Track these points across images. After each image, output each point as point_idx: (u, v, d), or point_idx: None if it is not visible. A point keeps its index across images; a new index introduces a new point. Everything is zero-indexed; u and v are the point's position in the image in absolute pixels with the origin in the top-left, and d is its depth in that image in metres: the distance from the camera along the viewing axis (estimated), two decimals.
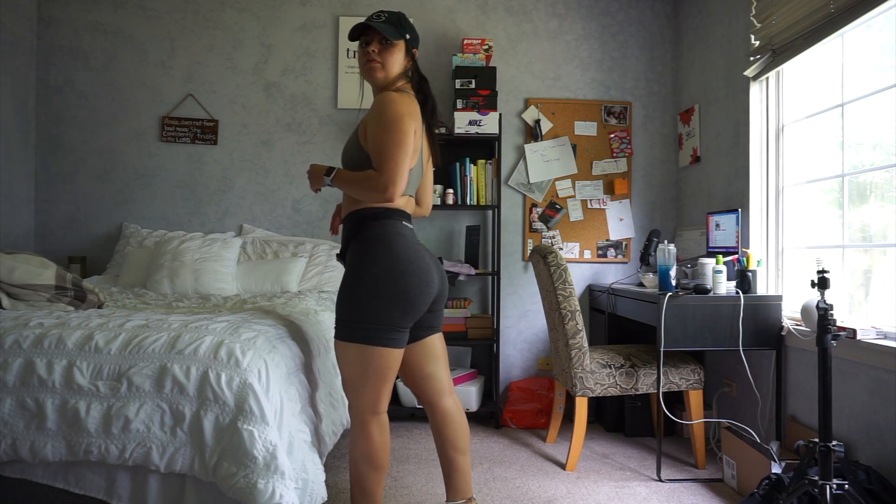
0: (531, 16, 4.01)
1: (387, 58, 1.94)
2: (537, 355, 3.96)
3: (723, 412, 3.34)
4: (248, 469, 1.73)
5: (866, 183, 2.55)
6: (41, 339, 1.88)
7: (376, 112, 1.87)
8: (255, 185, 3.95)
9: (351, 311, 1.84)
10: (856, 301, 2.59)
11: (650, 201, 4.02)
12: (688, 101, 3.84)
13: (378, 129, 1.86)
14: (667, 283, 2.83)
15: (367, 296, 1.81)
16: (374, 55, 1.93)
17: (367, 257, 1.85)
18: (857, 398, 2.39)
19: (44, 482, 1.84)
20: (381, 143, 1.84)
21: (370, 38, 1.95)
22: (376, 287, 1.82)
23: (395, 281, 1.82)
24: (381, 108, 1.87)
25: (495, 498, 2.58)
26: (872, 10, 2.32)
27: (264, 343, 1.97)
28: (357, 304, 1.82)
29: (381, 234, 1.88)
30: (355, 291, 1.83)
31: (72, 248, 3.90)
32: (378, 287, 1.81)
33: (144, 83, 3.93)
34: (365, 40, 1.96)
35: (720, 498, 2.63)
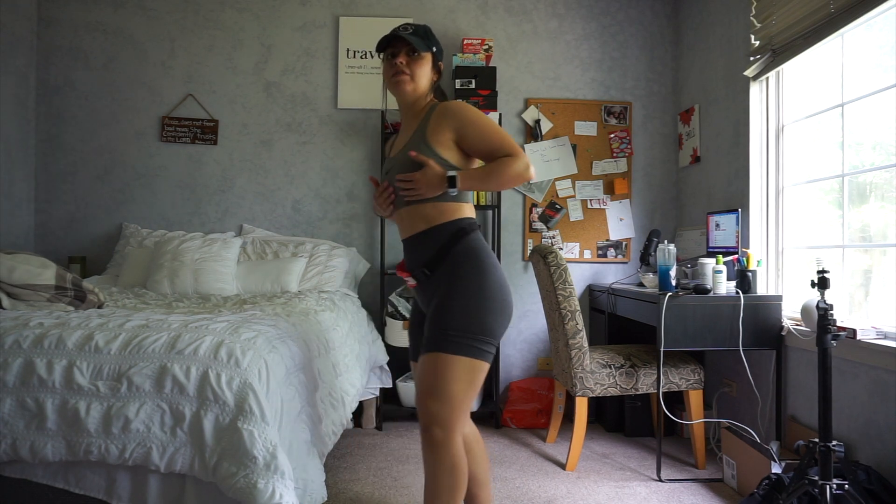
0: (531, 16, 4.01)
1: (415, 69, 1.88)
2: (537, 355, 3.96)
3: (723, 412, 3.34)
4: (248, 469, 1.73)
5: (866, 183, 2.55)
6: (41, 339, 1.88)
7: (459, 117, 1.83)
8: (255, 185, 3.95)
9: (465, 324, 1.74)
10: (856, 301, 2.59)
11: (650, 201, 4.02)
12: (688, 101, 3.84)
13: (476, 128, 1.82)
14: (667, 283, 2.83)
15: (483, 309, 1.76)
16: (401, 66, 1.87)
17: (478, 271, 1.79)
18: (857, 398, 2.39)
19: (44, 482, 1.84)
20: (490, 134, 1.82)
21: (397, 49, 1.89)
22: (490, 300, 1.77)
23: (503, 293, 1.80)
24: (462, 110, 1.84)
25: (495, 498, 2.58)
26: (872, 10, 2.32)
27: (264, 343, 1.97)
28: (470, 317, 1.75)
29: (483, 247, 1.84)
30: (468, 304, 1.75)
31: (72, 248, 3.90)
32: (491, 300, 1.77)
33: (144, 83, 3.93)
34: (391, 52, 1.90)
35: (720, 498, 2.63)
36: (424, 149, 1.82)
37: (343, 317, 3.01)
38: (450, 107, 1.85)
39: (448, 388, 1.74)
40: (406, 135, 1.92)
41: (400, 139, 1.95)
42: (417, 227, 1.85)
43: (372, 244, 3.96)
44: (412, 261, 1.87)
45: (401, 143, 1.92)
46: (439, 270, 1.81)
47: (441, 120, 1.84)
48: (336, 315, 2.89)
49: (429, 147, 1.82)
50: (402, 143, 1.91)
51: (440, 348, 1.74)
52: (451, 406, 1.74)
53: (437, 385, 1.74)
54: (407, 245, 1.90)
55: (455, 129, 1.83)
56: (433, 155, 1.82)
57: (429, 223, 1.84)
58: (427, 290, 1.84)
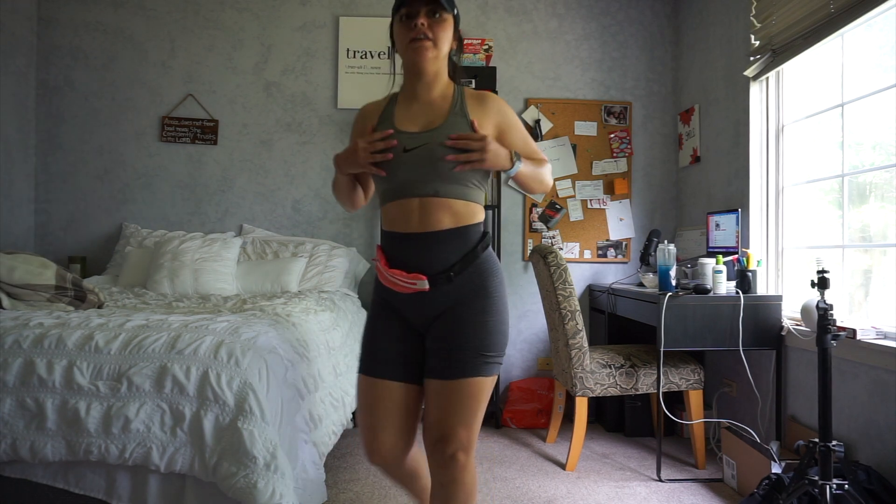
0: (531, 16, 4.01)
1: (438, 33, 1.60)
2: (537, 355, 3.96)
3: (723, 412, 3.34)
4: (248, 469, 1.73)
5: (866, 183, 2.55)
6: (41, 339, 1.88)
7: (505, 113, 1.69)
8: (255, 185, 3.95)
9: (498, 343, 1.61)
10: (856, 301, 2.59)
11: (650, 201, 4.02)
12: (688, 101, 3.84)
13: (518, 131, 1.70)
14: (667, 283, 2.83)
15: (507, 325, 1.65)
16: (423, 28, 1.58)
17: (502, 283, 1.66)
18: (857, 398, 2.39)
19: (44, 482, 1.84)
20: (528, 141, 1.71)
21: (415, 9, 1.59)
22: (506, 314, 1.66)
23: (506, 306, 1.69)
24: (506, 107, 1.70)
25: (495, 498, 2.58)
26: (872, 10, 2.32)
27: (264, 343, 1.97)
28: (502, 335, 1.62)
29: (495, 257, 1.68)
30: (499, 322, 1.62)
31: (72, 248, 3.89)
32: (506, 314, 1.66)
33: (144, 83, 3.93)
34: (407, 12, 1.60)
35: (720, 498, 2.63)
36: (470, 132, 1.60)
37: (343, 317, 3.01)
38: (492, 98, 1.68)
39: (480, 414, 1.61)
40: (427, 112, 1.65)
41: (413, 114, 1.66)
42: (441, 223, 1.59)
43: (372, 244, 3.96)
44: (424, 261, 1.59)
45: (418, 120, 1.64)
46: (461, 278, 1.59)
47: (483, 109, 1.66)
48: (336, 315, 2.89)
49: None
50: (422, 119, 1.64)
51: (479, 372, 1.57)
52: (476, 429, 1.62)
53: (473, 413, 1.58)
54: (417, 242, 1.60)
55: (497, 126, 1.67)
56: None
57: (457, 221, 1.60)
58: (436, 298, 1.60)
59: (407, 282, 1.58)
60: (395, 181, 1.61)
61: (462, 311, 1.58)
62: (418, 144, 1.58)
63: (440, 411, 1.57)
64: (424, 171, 1.58)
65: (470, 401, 1.57)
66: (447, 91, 1.68)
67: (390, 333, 1.65)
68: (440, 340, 1.59)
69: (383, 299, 1.68)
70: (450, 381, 1.56)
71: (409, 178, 1.59)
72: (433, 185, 1.58)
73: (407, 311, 1.64)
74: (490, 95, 1.69)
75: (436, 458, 1.59)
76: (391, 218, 1.64)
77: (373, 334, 1.67)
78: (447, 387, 1.56)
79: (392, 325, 1.65)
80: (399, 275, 1.59)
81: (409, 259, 1.60)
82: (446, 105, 1.65)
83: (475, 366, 1.56)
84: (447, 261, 1.59)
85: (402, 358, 1.64)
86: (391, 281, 1.61)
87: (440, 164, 1.57)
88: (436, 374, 1.59)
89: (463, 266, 1.59)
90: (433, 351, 1.60)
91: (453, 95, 1.66)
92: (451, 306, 1.59)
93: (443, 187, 1.59)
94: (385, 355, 1.64)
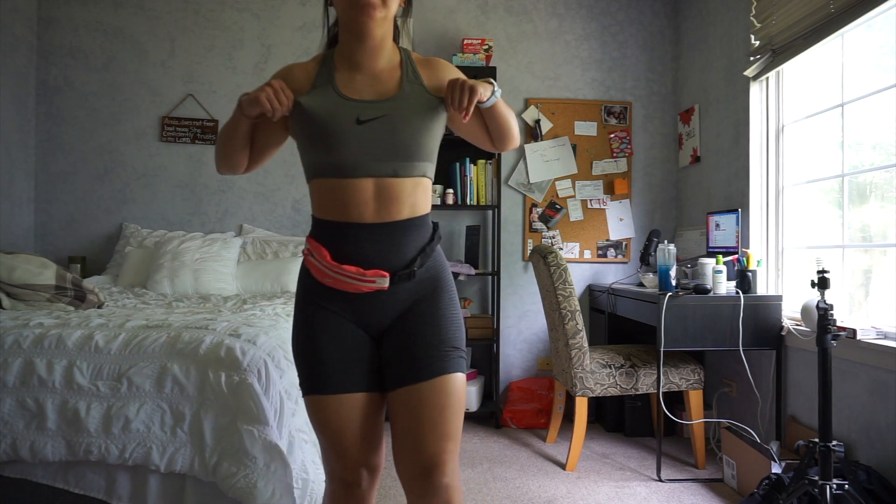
0: (531, 16, 4.01)
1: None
2: (537, 355, 3.96)
3: (723, 412, 3.34)
4: (248, 469, 1.73)
5: (866, 183, 2.55)
6: (41, 339, 1.88)
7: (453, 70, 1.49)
8: (255, 185, 3.95)
9: (463, 336, 1.45)
10: (856, 301, 2.59)
11: (650, 201, 4.02)
12: (688, 101, 3.84)
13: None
14: (667, 283, 2.83)
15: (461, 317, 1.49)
16: None
17: (451, 275, 1.50)
18: (857, 398, 2.39)
19: (44, 482, 1.84)
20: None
21: None
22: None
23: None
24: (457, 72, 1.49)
25: (495, 498, 2.58)
26: (872, 10, 2.32)
27: (264, 343, 1.97)
28: (460, 328, 1.45)
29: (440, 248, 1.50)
30: (457, 315, 1.45)
31: (72, 248, 3.89)
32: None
33: (144, 83, 3.93)
34: None
35: (720, 498, 2.63)
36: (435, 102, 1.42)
37: None
38: (442, 64, 1.49)
39: (461, 420, 1.40)
40: (375, 83, 1.42)
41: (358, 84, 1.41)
42: (400, 213, 1.38)
43: None
44: (384, 256, 1.36)
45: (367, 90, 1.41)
46: (421, 272, 1.41)
47: (437, 74, 1.46)
48: None
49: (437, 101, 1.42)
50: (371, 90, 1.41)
51: (455, 368, 1.38)
52: (459, 439, 1.40)
53: (456, 419, 1.38)
54: (374, 234, 1.36)
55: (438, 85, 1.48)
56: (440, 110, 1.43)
57: (413, 210, 1.40)
58: (397, 297, 1.39)
59: (365, 280, 1.34)
60: (343, 157, 1.34)
61: (425, 308, 1.40)
62: (375, 116, 1.35)
63: (419, 424, 1.34)
64: (383, 147, 1.35)
65: (451, 402, 1.36)
66: (393, 57, 1.46)
67: (340, 338, 1.38)
68: (404, 342, 1.38)
69: (319, 301, 1.40)
70: (425, 382, 1.34)
71: (362, 155, 1.34)
72: (391, 164, 1.35)
73: (356, 314, 1.39)
74: (440, 61, 1.50)
75: (423, 490, 1.35)
76: (336, 204, 1.37)
77: (315, 343, 1.38)
78: (422, 391, 1.34)
79: (339, 327, 1.38)
80: (353, 271, 1.33)
81: (366, 253, 1.35)
82: (396, 73, 1.43)
83: (449, 361, 1.37)
84: (407, 255, 1.39)
85: (360, 364, 1.38)
86: (339, 279, 1.34)
87: (402, 138, 1.36)
88: (406, 379, 1.36)
89: (422, 261, 1.40)
90: (396, 356, 1.38)
91: (401, 62, 1.45)
92: (412, 304, 1.40)
93: (402, 167, 1.37)
94: (338, 366, 1.36)
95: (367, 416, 1.39)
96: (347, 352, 1.38)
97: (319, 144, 1.37)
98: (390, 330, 1.40)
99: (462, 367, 1.41)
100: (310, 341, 1.39)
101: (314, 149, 1.38)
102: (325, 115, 1.36)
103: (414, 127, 1.38)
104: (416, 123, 1.38)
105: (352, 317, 1.39)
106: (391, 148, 1.36)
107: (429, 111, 1.41)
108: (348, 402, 1.37)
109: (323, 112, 1.37)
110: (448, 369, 1.37)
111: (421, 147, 1.39)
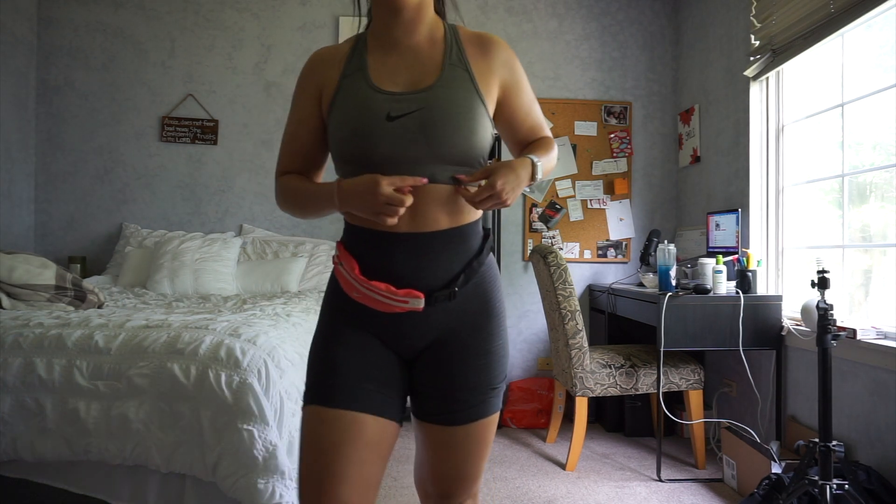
0: (531, 16, 4.01)
1: None
2: (537, 355, 3.96)
3: (723, 412, 3.34)
4: (248, 469, 1.73)
5: (866, 183, 2.55)
6: (41, 338, 1.88)
7: (512, 66, 1.27)
8: (255, 185, 3.95)
9: (505, 366, 1.28)
10: (856, 301, 2.59)
11: (650, 201, 4.02)
12: (688, 101, 3.84)
13: (528, 92, 1.30)
14: (667, 283, 2.83)
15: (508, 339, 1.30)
16: None
17: (502, 295, 1.30)
18: (857, 398, 2.39)
19: (44, 482, 1.84)
20: (536, 104, 1.33)
21: None
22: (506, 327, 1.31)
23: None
24: (515, 57, 1.29)
25: (495, 498, 2.58)
26: (872, 10, 2.32)
27: (264, 343, 1.97)
28: (507, 356, 1.29)
29: (495, 262, 1.31)
30: (505, 345, 1.28)
31: (72, 248, 3.89)
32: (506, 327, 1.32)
33: (144, 83, 3.93)
34: None
35: (720, 498, 2.63)
36: (476, 101, 1.19)
37: None
38: (497, 45, 1.26)
39: (488, 452, 1.30)
40: (412, 62, 1.22)
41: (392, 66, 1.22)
42: (438, 221, 1.18)
43: None
44: (419, 272, 1.17)
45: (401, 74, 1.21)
46: (463, 292, 1.21)
47: (487, 59, 1.24)
48: None
49: (482, 100, 1.20)
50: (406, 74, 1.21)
51: (490, 411, 1.25)
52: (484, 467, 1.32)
53: (484, 457, 1.27)
54: (408, 246, 1.17)
55: (503, 84, 1.26)
56: (484, 109, 1.20)
57: (456, 217, 1.20)
58: (432, 321, 1.20)
59: (396, 300, 1.15)
60: (373, 160, 1.16)
61: (468, 339, 1.22)
62: (407, 111, 1.15)
63: (445, 464, 1.25)
64: (416, 148, 1.15)
65: (481, 445, 1.25)
66: (436, 32, 1.24)
67: (363, 352, 1.20)
68: (439, 377, 1.22)
69: (346, 310, 1.22)
70: (458, 426, 1.22)
71: (394, 158, 1.15)
72: (428, 167, 1.15)
73: (387, 333, 1.21)
74: (494, 40, 1.26)
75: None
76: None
77: (333, 351, 1.20)
78: (456, 434, 1.22)
79: (363, 340, 1.21)
80: (384, 289, 1.15)
81: (398, 268, 1.17)
82: (437, 52, 1.22)
83: (486, 404, 1.23)
84: (448, 271, 1.19)
85: (378, 384, 1.19)
86: (367, 296, 1.17)
87: (438, 137, 1.15)
88: (437, 418, 1.23)
89: (467, 278, 1.20)
90: (429, 389, 1.23)
91: (445, 38, 1.24)
92: (452, 331, 1.21)
93: (440, 170, 1.16)
94: (353, 380, 1.18)
95: (372, 445, 1.16)
96: (367, 368, 1.19)
97: (348, 142, 1.18)
98: (425, 356, 1.22)
99: (499, 403, 1.27)
100: (327, 348, 1.21)
101: (342, 147, 1.19)
102: (354, 109, 1.18)
103: (454, 124, 1.15)
104: (457, 120, 1.15)
105: (381, 335, 1.21)
106: (426, 149, 1.15)
107: (473, 104, 1.18)
108: (356, 424, 1.15)
109: (351, 106, 1.18)
110: (486, 413, 1.23)
111: (462, 148, 1.16)
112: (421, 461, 1.29)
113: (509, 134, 1.32)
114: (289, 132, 1.30)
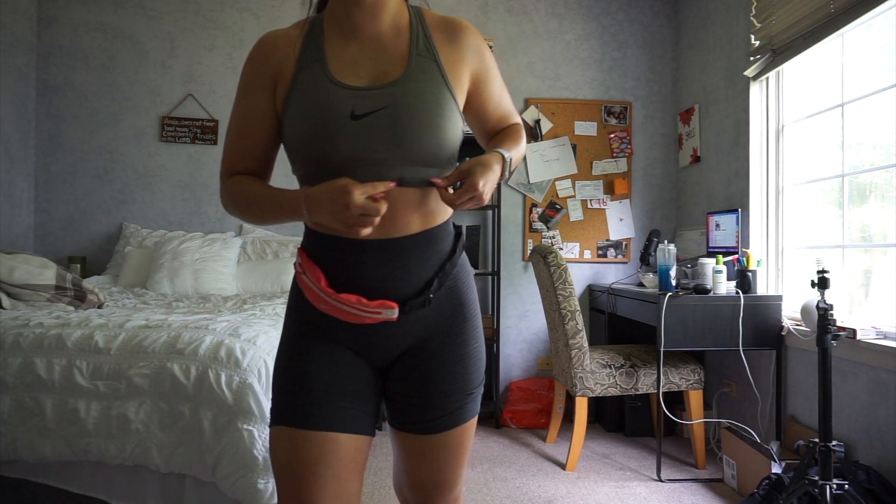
0: (531, 16, 4.01)
1: None
2: (537, 355, 3.96)
3: (723, 412, 3.34)
4: (248, 469, 1.73)
5: (866, 183, 2.55)
6: (41, 338, 1.88)
7: (483, 55, 1.19)
8: None
9: (482, 369, 1.23)
10: (856, 301, 2.58)
11: (650, 201, 4.02)
12: (688, 101, 3.84)
13: (498, 82, 1.24)
14: (667, 283, 2.83)
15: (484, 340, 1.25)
16: None
17: (475, 293, 1.23)
18: (857, 398, 2.39)
19: (44, 482, 1.84)
20: (505, 93, 1.27)
21: None
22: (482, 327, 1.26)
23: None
24: (485, 46, 1.21)
25: (495, 498, 2.58)
26: (872, 10, 2.32)
27: (264, 343, 1.97)
28: (483, 358, 1.24)
29: (467, 260, 1.23)
30: (481, 345, 1.23)
31: (72, 248, 3.89)
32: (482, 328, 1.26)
33: (144, 83, 3.93)
34: None
35: (720, 498, 2.63)
36: (446, 97, 1.11)
37: None
38: (466, 31, 1.19)
39: (468, 455, 1.25)
40: (375, 52, 1.12)
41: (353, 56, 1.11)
42: (406, 226, 1.10)
43: None
44: (391, 280, 1.10)
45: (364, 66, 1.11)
46: (437, 296, 1.15)
47: (456, 47, 1.16)
48: None
49: (452, 94, 1.12)
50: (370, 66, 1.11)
51: (469, 416, 1.20)
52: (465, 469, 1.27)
53: (463, 461, 1.23)
54: (378, 254, 1.09)
55: (474, 74, 1.18)
56: (455, 105, 1.12)
57: (427, 221, 1.12)
58: (406, 330, 1.14)
59: (368, 311, 1.07)
60: (336, 162, 1.06)
61: (443, 343, 1.16)
62: (373, 109, 1.06)
63: (422, 472, 1.21)
64: (383, 149, 1.06)
65: (459, 451, 1.21)
66: (400, 17, 1.14)
67: (334, 366, 1.12)
68: (414, 385, 1.16)
69: (312, 322, 1.14)
70: (435, 434, 1.17)
71: (359, 159, 1.06)
72: (395, 168, 1.07)
73: (358, 343, 1.14)
74: (463, 25, 1.19)
75: None
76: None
77: (301, 368, 1.11)
78: (432, 443, 1.18)
79: (332, 353, 1.13)
80: (354, 301, 1.07)
81: (368, 278, 1.09)
82: (403, 41, 1.12)
83: (463, 410, 1.18)
84: (421, 277, 1.12)
85: (353, 401, 1.12)
86: (336, 307, 1.08)
87: (407, 137, 1.06)
88: (413, 427, 1.18)
89: (441, 282, 1.14)
90: (404, 397, 1.17)
91: (411, 24, 1.14)
92: (426, 337, 1.15)
93: (410, 171, 1.07)
94: (325, 398, 1.10)
95: (344, 463, 1.10)
96: (339, 384, 1.11)
97: (307, 144, 1.08)
98: (400, 363, 1.17)
99: (478, 406, 1.22)
100: (296, 365, 1.12)
101: (300, 147, 1.09)
102: (313, 107, 1.07)
103: (423, 123, 1.06)
104: (427, 118, 1.06)
105: (352, 345, 1.14)
106: (395, 149, 1.06)
107: (443, 100, 1.09)
108: (330, 444, 1.09)
109: (310, 103, 1.07)
110: (464, 419, 1.19)
111: (432, 148, 1.08)
112: (398, 469, 1.25)
113: (478, 125, 1.26)
114: (236, 128, 1.17)
